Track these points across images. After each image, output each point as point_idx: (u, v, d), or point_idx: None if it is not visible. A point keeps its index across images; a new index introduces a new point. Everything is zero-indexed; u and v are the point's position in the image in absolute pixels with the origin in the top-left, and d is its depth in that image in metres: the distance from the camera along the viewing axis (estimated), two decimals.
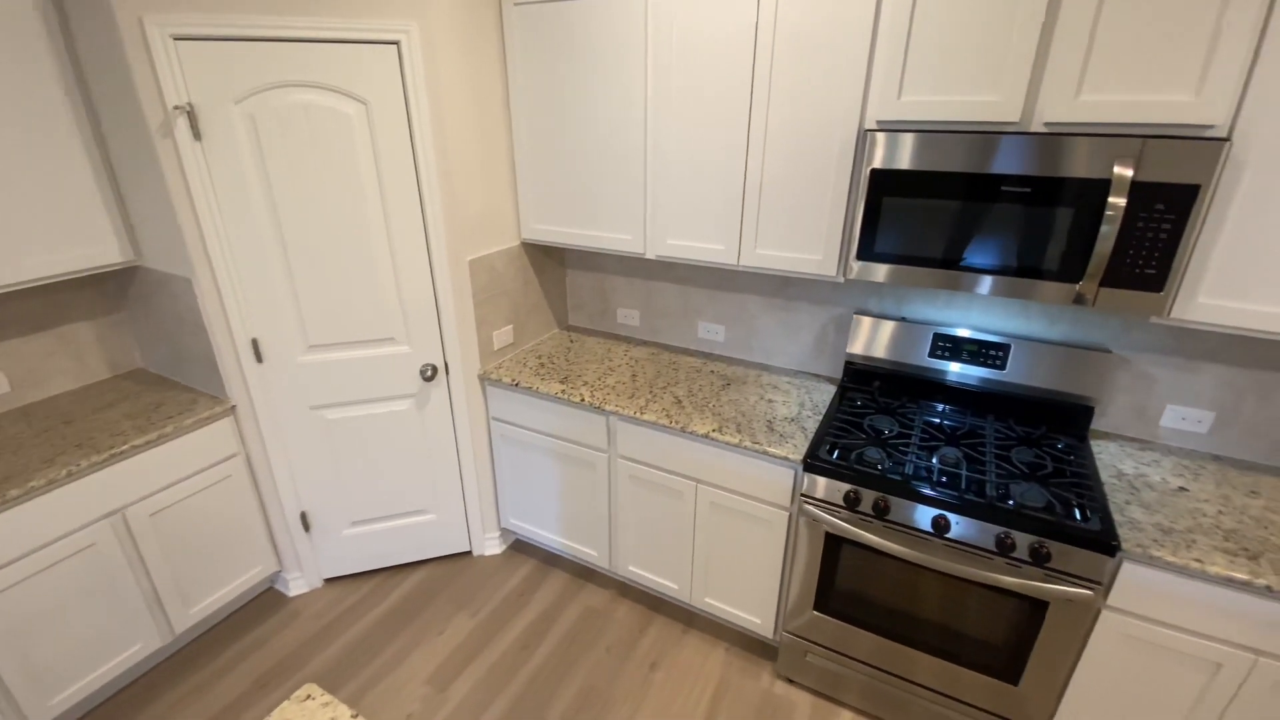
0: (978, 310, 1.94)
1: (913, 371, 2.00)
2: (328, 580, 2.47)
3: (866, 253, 1.65)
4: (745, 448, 1.82)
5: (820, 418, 1.96)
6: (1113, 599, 1.47)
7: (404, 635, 2.21)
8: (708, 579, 2.11)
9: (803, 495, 1.75)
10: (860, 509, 1.66)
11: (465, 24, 1.93)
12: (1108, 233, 1.33)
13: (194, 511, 2.04)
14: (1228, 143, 1.25)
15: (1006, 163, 1.42)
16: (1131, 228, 1.34)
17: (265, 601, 2.37)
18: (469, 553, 2.62)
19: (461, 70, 1.95)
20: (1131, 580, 1.43)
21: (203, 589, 2.12)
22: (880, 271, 1.65)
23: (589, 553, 2.38)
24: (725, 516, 1.98)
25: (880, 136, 1.53)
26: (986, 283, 1.52)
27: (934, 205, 1.52)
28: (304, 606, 2.34)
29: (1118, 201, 1.30)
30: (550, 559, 2.59)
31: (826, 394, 2.13)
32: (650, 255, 2.09)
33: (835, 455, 1.73)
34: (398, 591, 2.41)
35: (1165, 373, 1.76)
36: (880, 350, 2.04)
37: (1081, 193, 1.36)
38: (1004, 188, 1.43)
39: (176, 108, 1.70)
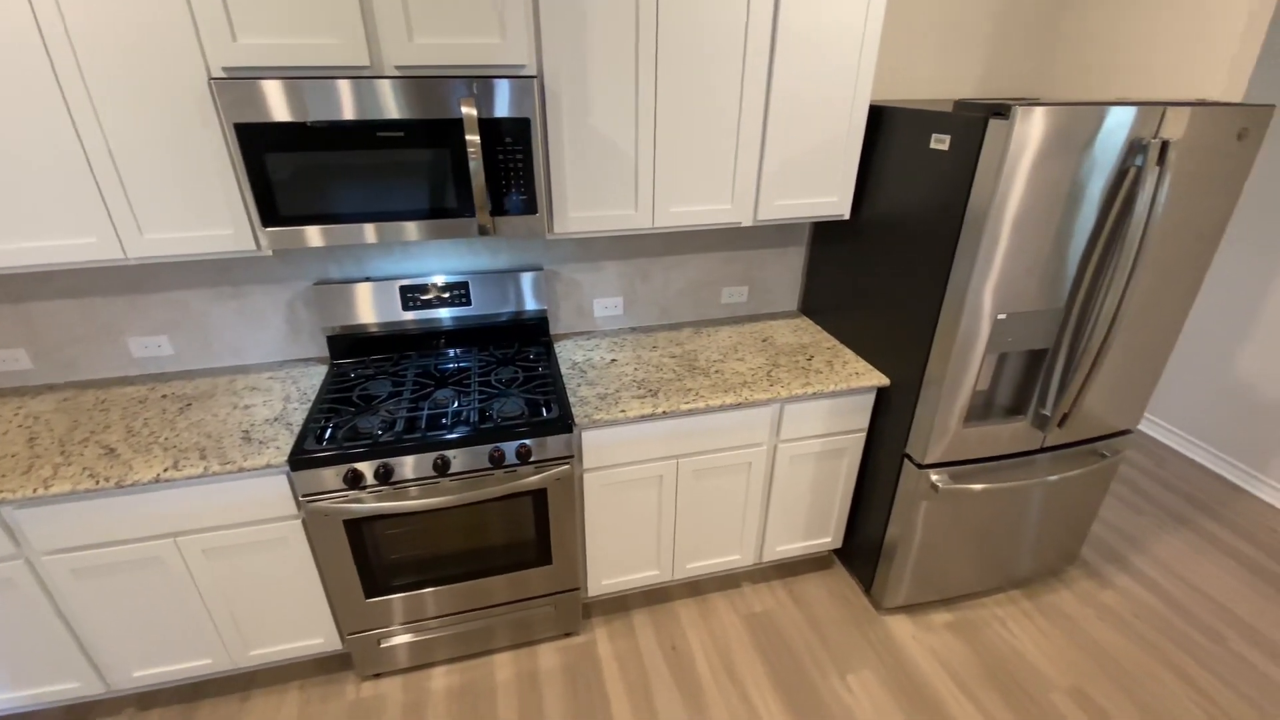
0: (433, 256, 2.01)
1: (394, 328, 1.99)
2: None
3: (272, 218, 1.48)
4: (215, 474, 1.52)
5: (310, 405, 1.78)
6: (585, 464, 1.80)
7: None
8: (243, 632, 1.78)
9: (303, 496, 1.58)
10: (365, 483, 1.60)
11: None
12: (476, 168, 1.48)
13: None
14: (537, 79, 1.51)
15: (373, 108, 1.42)
16: (494, 161, 1.52)
17: None
18: None
19: None
20: (591, 443, 1.78)
21: None
22: (294, 236, 1.51)
23: (68, 688, 1.72)
24: (228, 559, 1.66)
25: (231, 85, 1.34)
26: (401, 229, 1.56)
27: (322, 158, 1.44)
28: None
29: (474, 139, 1.45)
30: None
31: (318, 376, 1.95)
32: None
33: (326, 440, 1.60)
34: None
35: (585, 276, 2.18)
36: (357, 316, 1.95)
37: (446, 133, 1.47)
38: (380, 134, 1.44)
39: None
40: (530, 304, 2.07)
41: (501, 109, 1.49)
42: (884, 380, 1.92)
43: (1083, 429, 1.92)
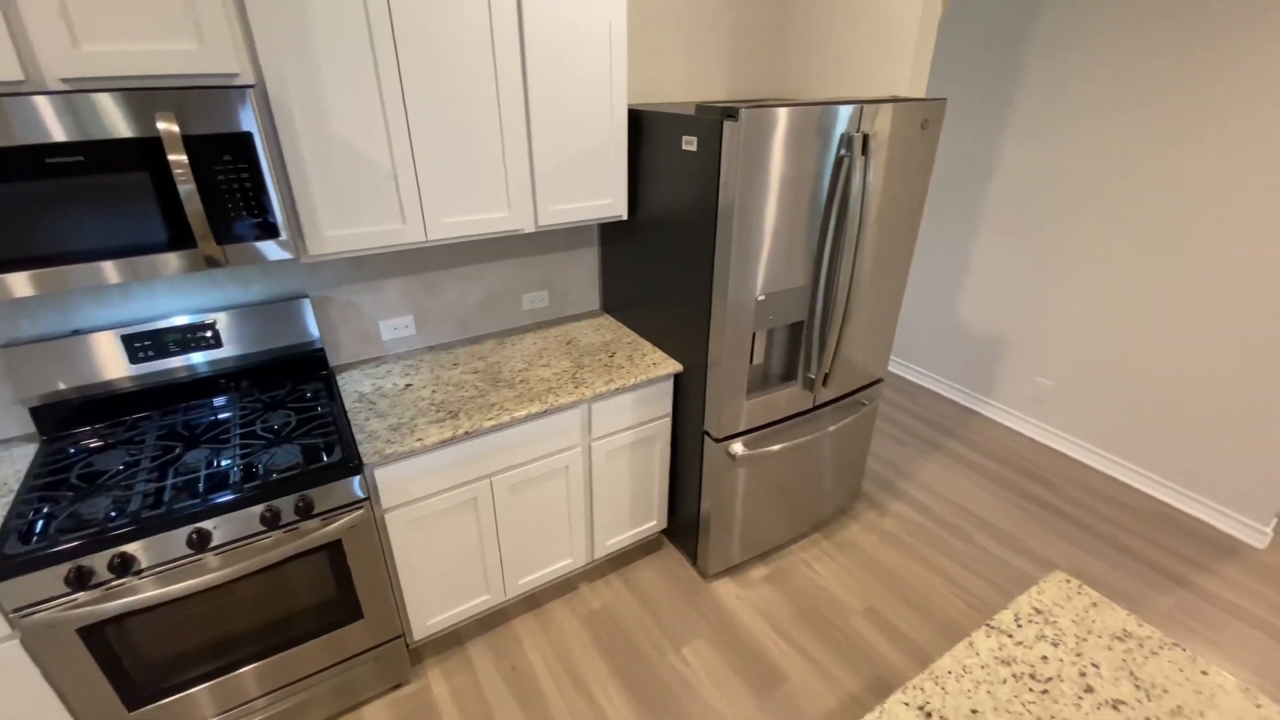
0: (166, 295, 1.72)
1: (124, 386, 1.67)
2: None
3: None
4: None
5: (12, 498, 1.43)
6: (384, 503, 1.68)
7: None
8: None
9: (13, 611, 1.27)
10: (98, 580, 1.33)
11: None
12: (189, 191, 1.29)
13: None
14: (253, 89, 1.34)
15: (38, 130, 1.16)
16: (213, 182, 1.34)
17: None
18: None
19: None
20: (387, 480, 1.66)
21: None
22: None
23: None
24: None
25: None
26: (103, 270, 1.30)
27: None
28: None
29: (179, 158, 1.26)
30: None
31: (25, 459, 1.58)
32: None
33: (36, 537, 1.29)
34: None
35: (363, 297, 2.02)
36: (68, 378, 1.61)
37: (144, 154, 1.26)
38: (50, 159, 1.19)
39: None
40: (299, 336, 1.87)
41: (211, 124, 1.30)
42: (678, 367, 2.04)
43: (843, 384, 2.21)
